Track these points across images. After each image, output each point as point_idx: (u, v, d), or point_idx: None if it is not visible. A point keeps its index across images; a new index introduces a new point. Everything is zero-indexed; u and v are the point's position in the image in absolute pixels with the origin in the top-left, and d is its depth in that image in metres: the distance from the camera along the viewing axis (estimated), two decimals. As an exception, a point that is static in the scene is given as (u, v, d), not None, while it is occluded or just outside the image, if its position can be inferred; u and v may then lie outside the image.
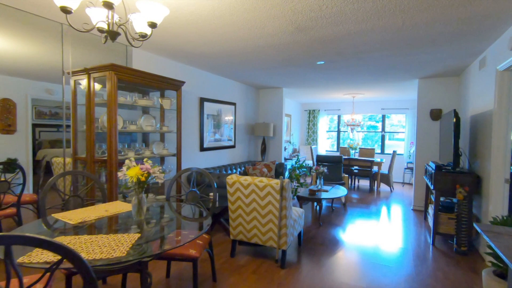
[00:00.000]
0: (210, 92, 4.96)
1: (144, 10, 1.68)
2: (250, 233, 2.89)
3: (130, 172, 1.73)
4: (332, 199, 4.20)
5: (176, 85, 3.65)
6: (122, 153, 3.11)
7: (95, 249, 1.38)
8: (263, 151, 6.30)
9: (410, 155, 7.82)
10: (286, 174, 6.11)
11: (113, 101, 2.78)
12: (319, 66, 4.24)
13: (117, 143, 2.84)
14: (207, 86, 4.89)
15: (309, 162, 8.46)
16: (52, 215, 1.91)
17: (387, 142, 8.69)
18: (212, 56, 3.84)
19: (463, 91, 4.47)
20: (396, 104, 8.22)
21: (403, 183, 7.95)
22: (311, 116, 9.48)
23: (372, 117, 8.83)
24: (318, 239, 3.64)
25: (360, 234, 3.84)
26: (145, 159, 1.86)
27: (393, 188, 7.07)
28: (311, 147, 7.83)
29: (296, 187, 5.93)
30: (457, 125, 3.35)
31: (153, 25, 1.73)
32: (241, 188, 2.81)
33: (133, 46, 1.95)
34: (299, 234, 3.39)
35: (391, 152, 8.46)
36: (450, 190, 3.41)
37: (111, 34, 1.68)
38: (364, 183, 7.99)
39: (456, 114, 3.35)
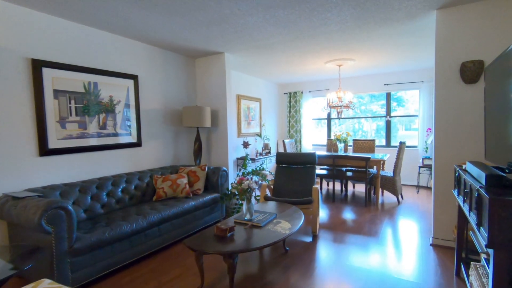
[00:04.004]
0: (63, 52, 2.85)
1: None
2: None
3: None
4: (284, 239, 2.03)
5: None
6: None
7: None
8: (198, 150, 4.18)
9: (426, 148, 5.48)
10: (228, 186, 3.95)
11: None
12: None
13: None
14: (55, 40, 2.78)
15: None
16: None
17: (399, 133, 6.31)
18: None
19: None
20: (404, 76, 5.85)
21: (418, 187, 5.60)
22: (293, 100, 7.22)
23: (378, 99, 6.44)
24: None
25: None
26: None
27: (402, 198, 4.77)
28: (283, 141, 5.63)
29: (237, 207, 3.79)
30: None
31: None
32: None
33: None
34: None
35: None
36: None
37: None
38: (363, 188, 5.72)
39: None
